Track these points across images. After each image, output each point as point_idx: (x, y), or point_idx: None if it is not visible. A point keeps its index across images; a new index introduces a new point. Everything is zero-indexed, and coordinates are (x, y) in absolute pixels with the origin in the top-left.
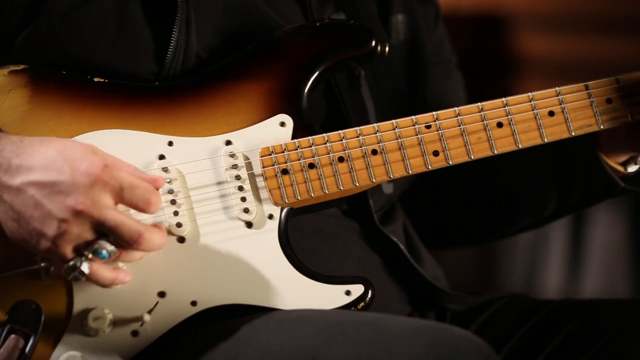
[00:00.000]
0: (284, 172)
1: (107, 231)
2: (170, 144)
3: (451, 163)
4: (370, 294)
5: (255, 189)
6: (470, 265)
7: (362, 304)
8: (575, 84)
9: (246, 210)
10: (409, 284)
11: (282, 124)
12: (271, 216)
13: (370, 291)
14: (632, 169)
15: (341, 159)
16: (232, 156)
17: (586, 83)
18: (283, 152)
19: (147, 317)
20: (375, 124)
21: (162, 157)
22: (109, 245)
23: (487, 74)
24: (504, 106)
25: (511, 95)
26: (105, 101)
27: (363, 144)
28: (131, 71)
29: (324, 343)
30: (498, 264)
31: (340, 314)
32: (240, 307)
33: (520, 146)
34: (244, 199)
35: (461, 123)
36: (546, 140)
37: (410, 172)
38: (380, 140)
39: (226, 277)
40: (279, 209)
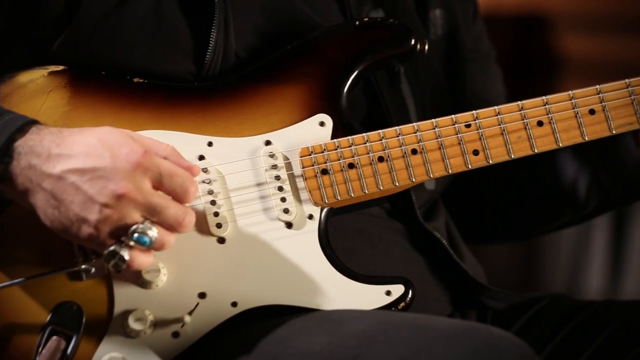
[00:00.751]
0: (324, 172)
1: (150, 214)
2: (210, 144)
3: (491, 162)
4: (410, 294)
5: (295, 190)
6: (511, 265)
7: (402, 304)
8: (616, 82)
9: (286, 211)
10: (450, 282)
11: (322, 123)
12: (311, 216)
13: (410, 291)
14: None
15: (381, 159)
16: (272, 156)
17: (627, 80)
18: (323, 152)
19: (187, 319)
20: (415, 124)
21: (201, 157)
22: (151, 231)
23: (527, 73)
24: (544, 105)
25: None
26: (144, 102)
27: (403, 143)
28: (170, 72)
29: (364, 344)
30: (539, 264)
31: (381, 314)
32: (280, 308)
33: (560, 145)
34: (283, 200)
35: (501, 122)
36: (587, 138)
37: (450, 172)
38: (420, 140)
39: (266, 278)
40: (318, 209)
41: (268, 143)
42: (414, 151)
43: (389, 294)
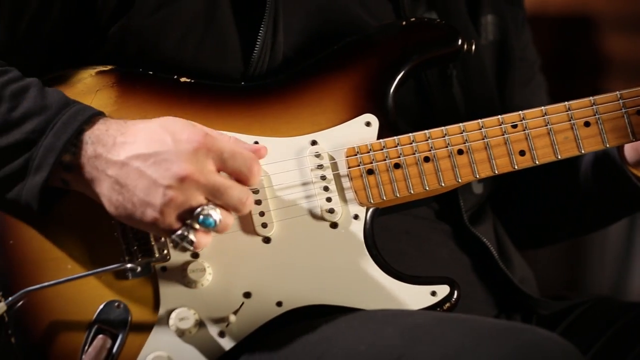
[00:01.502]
0: (370, 172)
1: (213, 196)
2: (256, 144)
3: (538, 163)
4: (456, 295)
5: (340, 190)
6: (559, 267)
7: (447, 305)
8: None
9: (331, 211)
10: (496, 286)
11: (368, 123)
12: (356, 216)
13: (456, 292)
14: None
15: (427, 159)
16: (318, 156)
17: None
18: (369, 152)
19: (232, 318)
20: (461, 124)
21: None
22: (215, 213)
23: (572, 74)
24: (592, 105)
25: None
26: (191, 101)
27: (449, 143)
28: (218, 70)
29: (409, 344)
30: (586, 265)
31: (426, 314)
32: (325, 308)
33: (607, 145)
34: (329, 200)
35: (548, 122)
36: (635, 138)
37: (497, 172)
38: (467, 140)
39: (311, 278)
40: (364, 209)
41: (314, 143)
42: (460, 151)
43: (434, 294)
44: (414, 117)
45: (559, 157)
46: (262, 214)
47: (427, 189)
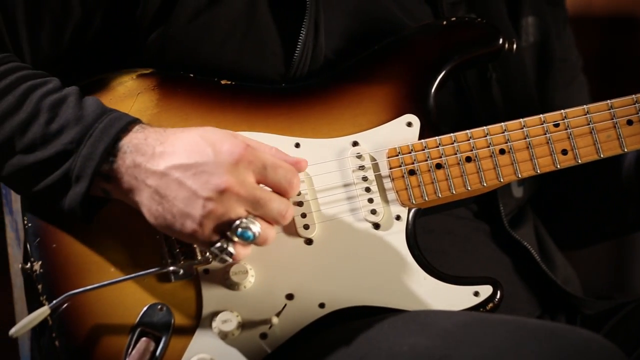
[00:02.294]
0: (411, 172)
1: (253, 208)
2: (298, 145)
3: (580, 162)
4: (499, 295)
5: (382, 190)
6: (604, 267)
7: (490, 305)
8: None
9: (373, 212)
10: (539, 286)
11: (409, 124)
12: (398, 217)
13: (499, 292)
14: None
15: (469, 159)
16: (359, 157)
17: None
18: (410, 152)
19: (275, 320)
20: (503, 124)
21: None
22: (255, 226)
23: (615, 75)
24: (634, 103)
25: None
26: (232, 104)
27: (491, 143)
28: (258, 73)
29: (451, 345)
30: (632, 265)
31: (469, 315)
32: (368, 309)
33: None
34: (371, 200)
35: (590, 121)
36: None
37: (539, 171)
38: (508, 140)
39: (354, 279)
40: (406, 209)
41: (355, 144)
42: (502, 151)
43: (477, 294)
44: (454, 120)
45: (602, 156)
46: (304, 215)
47: (469, 189)
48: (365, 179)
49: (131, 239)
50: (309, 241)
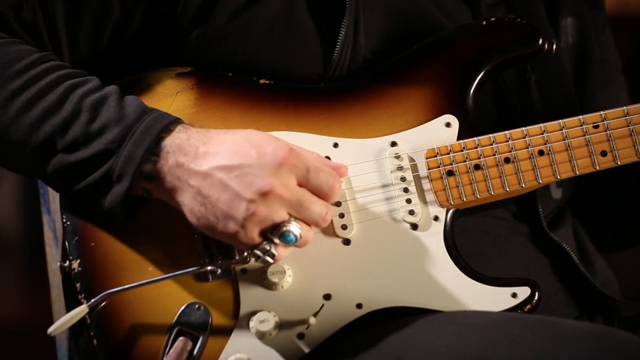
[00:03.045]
0: (450, 173)
1: (295, 211)
2: (336, 145)
3: (619, 163)
4: (537, 297)
5: (420, 191)
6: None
7: (528, 307)
8: None
9: (411, 212)
10: (577, 288)
11: (448, 124)
12: (436, 218)
13: (537, 293)
14: None
15: (507, 160)
16: (397, 158)
17: None
18: (449, 153)
19: (312, 320)
20: (542, 125)
21: (327, 159)
22: (296, 229)
23: None
24: None
25: None
26: (271, 103)
27: (530, 144)
28: (297, 72)
29: (489, 346)
30: None
31: (506, 316)
32: (405, 309)
33: None
34: (409, 201)
35: (630, 123)
36: None
37: (578, 173)
38: (547, 141)
39: (391, 280)
40: (444, 210)
41: (394, 144)
42: (541, 152)
43: (515, 296)
44: (492, 121)
45: None
46: (341, 215)
47: (508, 190)
48: (403, 179)
49: (169, 238)
50: (346, 241)
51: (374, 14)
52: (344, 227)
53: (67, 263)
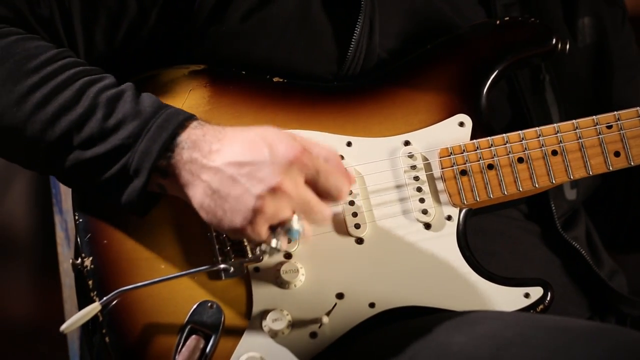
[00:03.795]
0: (463, 173)
1: (301, 210)
2: (349, 144)
3: (633, 164)
4: (549, 297)
5: (433, 190)
6: None
7: (541, 307)
8: None
9: (425, 212)
10: (589, 288)
11: (461, 124)
12: (450, 217)
13: (549, 294)
14: None
15: (521, 160)
16: (411, 157)
17: None
18: (462, 152)
19: (325, 319)
20: (555, 125)
21: (340, 157)
22: (300, 226)
23: None
24: None
25: None
26: (284, 101)
27: (543, 144)
28: (311, 71)
29: (501, 346)
30: None
31: (519, 316)
32: (418, 309)
33: None
34: (422, 200)
35: None
36: None
37: (591, 173)
38: (561, 141)
39: (404, 279)
40: (457, 210)
41: (407, 143)
42: (555, 152)
43: (527, 296)
44: (506, 121)
45: None
46: (355, 214)
47: (521, 190)
48: (416, 178)
49: (182, 236)
50: (359, 240)
51: (388, 14)
52: (357, 226)
53: (80, 260)
